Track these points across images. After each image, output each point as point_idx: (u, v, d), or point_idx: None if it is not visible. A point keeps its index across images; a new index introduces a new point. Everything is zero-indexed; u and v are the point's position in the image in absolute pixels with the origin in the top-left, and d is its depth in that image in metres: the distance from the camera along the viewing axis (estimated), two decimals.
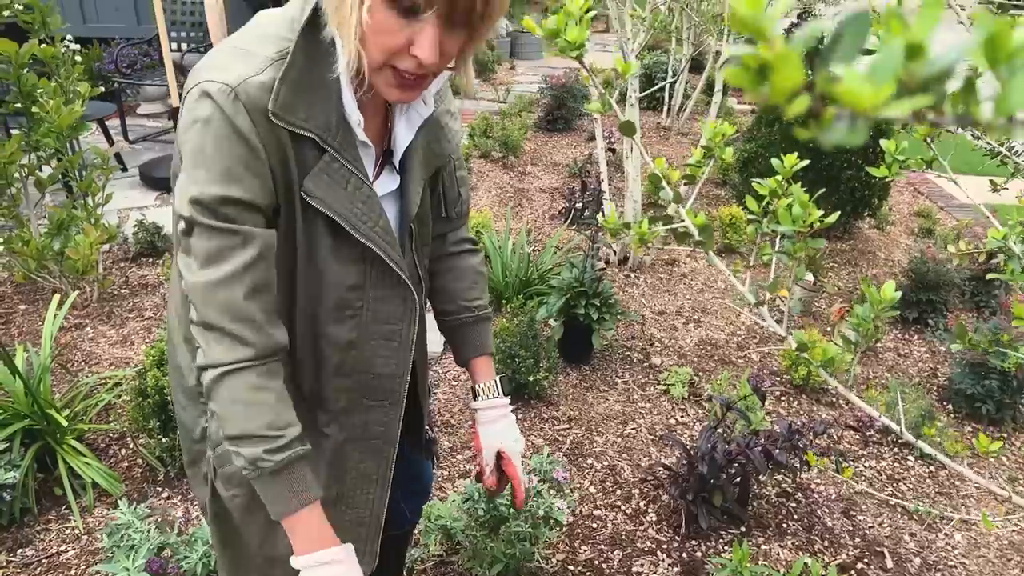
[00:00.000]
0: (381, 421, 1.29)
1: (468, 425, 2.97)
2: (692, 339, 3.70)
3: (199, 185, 0.98)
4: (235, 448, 1.06)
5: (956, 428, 3.21)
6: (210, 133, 0.97)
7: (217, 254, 1.00)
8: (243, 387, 1.04)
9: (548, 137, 6.78)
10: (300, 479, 1.08)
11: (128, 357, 3.25)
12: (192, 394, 1.24)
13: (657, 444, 2.93)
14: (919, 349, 3.83)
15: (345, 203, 1.08)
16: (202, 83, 0.98)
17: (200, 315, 1.04)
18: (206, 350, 1.05)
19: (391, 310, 1.21)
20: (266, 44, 1.00)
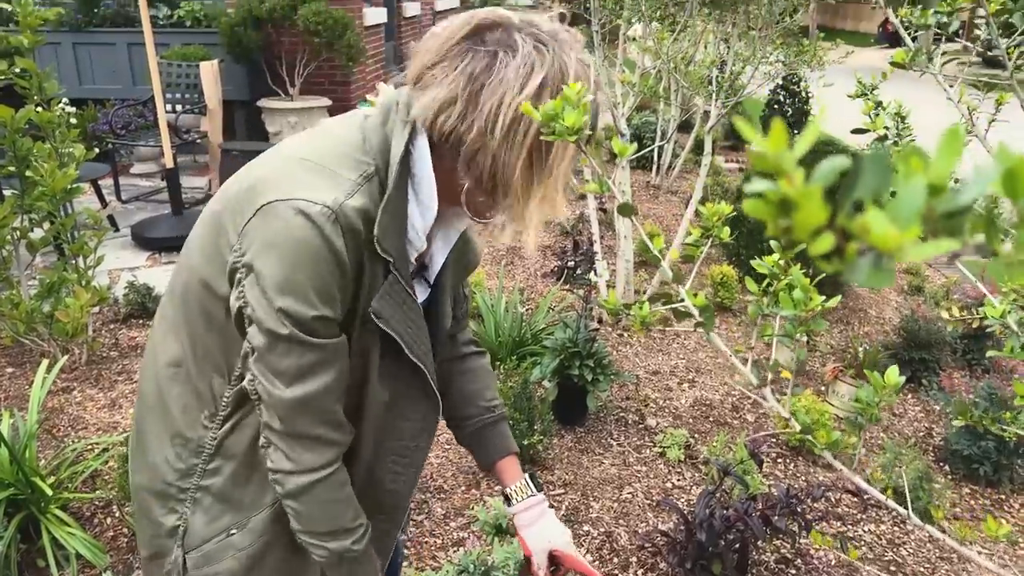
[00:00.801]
0: (381, 529, 1.27)
1: (462, 490, 2.92)
2: (687, 400, 3.68)
3: (294, 302, 0.97)
4: (320, 542, 1.09)
5: (954, 490, 3.18)
6: (308, 252, 0.96)
7: (309, 369, 1.02)
8: (334, 486, 1.08)
9: None
10: (373, 556, 1.16)
11: (116, 422, 3.20)
12: (166, 492, 1.19)
13: (654, 509, 2.88)
14: (913, 408, 3.82)
15: (403, 324, 1.09)
16: (295, 201, 0.97)
17: (287, 426, 1.04)
18: (293, 456, 1.05)
19: (410, 428, 1.21)
20: (347, 165, 1.02)
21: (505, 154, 0.98)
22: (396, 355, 1.10)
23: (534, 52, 0.98)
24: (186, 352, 1.13)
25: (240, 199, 1.02)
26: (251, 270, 0.99)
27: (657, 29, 3.61)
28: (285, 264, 0.96)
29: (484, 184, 1.01)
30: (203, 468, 1.16)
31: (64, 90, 3.65)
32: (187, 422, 1.15)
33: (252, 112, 6.81)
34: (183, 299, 1.13)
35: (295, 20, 6.27)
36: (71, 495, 2.61)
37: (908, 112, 1.78)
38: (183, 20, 6.99)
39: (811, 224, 0.28)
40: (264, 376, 1.02)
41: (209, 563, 1.18)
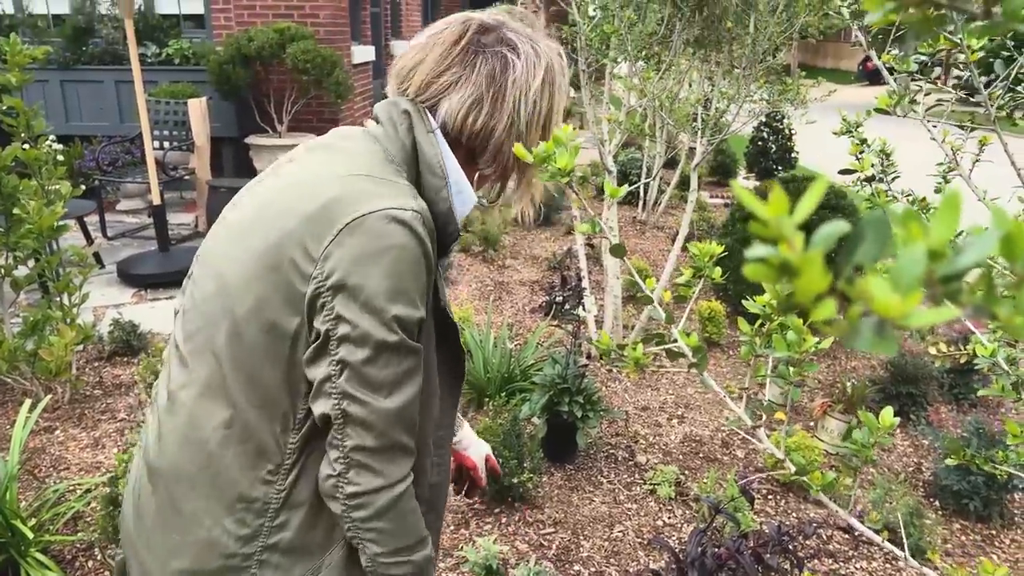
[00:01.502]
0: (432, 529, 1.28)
1: (451, 530, 2.88)
2: (677, 436, 3.67)
3: (405, 307, 1.00)
4: (406, 557, 1.08)
5: (944, 526, 3.17)
6: (409, 256, 1.00)
7: (405, 375, 1.03)
8: (412, 495, 1.08)
9: (527, 232, 6.87)
10: None
11: (99, 462, 3.15)
12: (224, 567, 1.09)
13: (645, 548, 2.85)
14: (902, 443, 3.82)
15: (452, 315, 1.17)
16: (384, 211, 1.00)
17: (384, 440, 1.03)
18: (382, 471, 1.03)
19: (446, 415, 1.24)
20: (392, 172, 1.09)
21: (526, 140, 1.11)
22: (446, 346, 1.16)
23: (530, 48, 1.13)
24: (240, 409, 1.06)
25: (308, 227, 1.01)
26: (343, 288, 0.99)
27: (643, 68, 3.66)
28: (392, 272, 0.99)
29: (507, 170, 1.17)
30: (269, 526, 1.08)
31: (51, 127, 3.65)
32: (249, 482, 1.08)
33: (240, 149, 6.83)
34: (231, 352, 1.06)
35: (283, 58, 6.32)
36: (52, 538, 2.56)
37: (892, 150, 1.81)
38: (172, 58, 7.03)
39: (813, 290, 0.28)
40: (361, 392, 1.00)
41: None
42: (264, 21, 6.79)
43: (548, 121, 1.16)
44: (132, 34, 4.53)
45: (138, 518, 1.19)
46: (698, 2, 3.67)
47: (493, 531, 2.88)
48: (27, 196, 3.32)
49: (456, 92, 1.10)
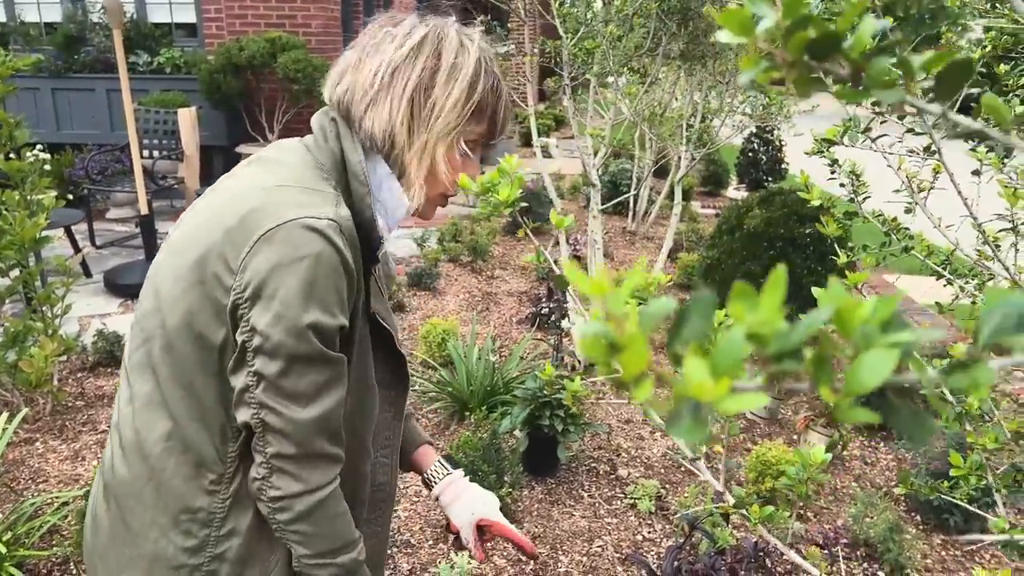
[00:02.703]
0: (376, 533, 1.29)
1: (429, 545, 2.88)
2: (659, 449, 3.67)
3: (321, 315, 1.00)
4: (331, 560, 1.09)
5: (925, 541, 3.17)
6: (323, 266, 1.00)
7: (325, 386, 1.04)
8: (338, 499, 1.09)
9: (516, 241, 6.88)
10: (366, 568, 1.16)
11: (78, 474, 3.14)
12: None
13: (623, 564, 2.85)
14: (885, 457, 3.82)
15: (388, 316, 1.18)
16: (300, 220, 1.01)
17: (303, 448, 1.04)
18: (303, 477, 1.05)
19: (388, 418, 1.26)
20: (318, 182, 1.09)
21: (388, 105, 1.10)
22: (386, 351, 1.17)
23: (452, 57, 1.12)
24: (178, 421, 1.08)
25: (228, 240, 1.02)
26: (258, 298, 1.00)
27: (628, 82, 3.68)
28: (306, 281, 0.99)
29: (377, 142, 1.13)
30: (216, 536, 1.10)
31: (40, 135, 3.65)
32: (192, 493, 1.09)
33: (230, 158, 6.84)
34: (167, 366, 1.07)
35: (274, 68, 6.34)
36: (27, 552, 2.55)
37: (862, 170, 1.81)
38: (163, 67, 7.04)
39: (634, 368, 0.28)
40: (277, 403, 1.01)
41: None
42: (256, 30, 6.81)
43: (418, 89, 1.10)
44: (120, 43, 4.53)
45: (94, 533, 1.21)
46: (683, 17, 3.69)
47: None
48: (10, 207, 3.31)
49: (370, 106, 1.11)
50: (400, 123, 1.09)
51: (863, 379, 0.28)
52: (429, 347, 4.20)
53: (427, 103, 1.09)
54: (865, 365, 0.28)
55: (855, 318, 0.29)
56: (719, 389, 0.27)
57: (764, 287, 0.30)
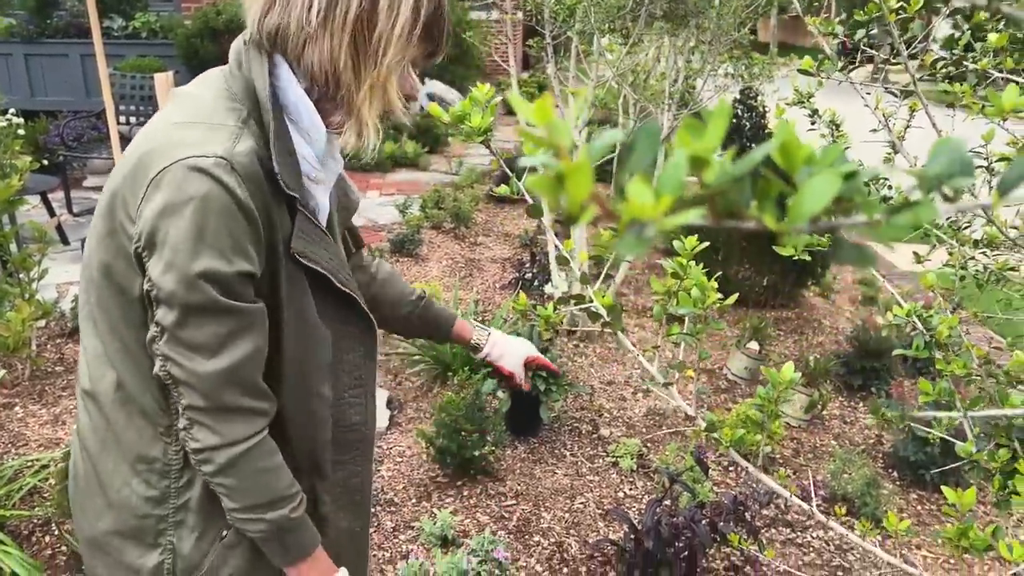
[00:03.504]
0: (356, 473, 1.28)
1: (412, 503, 2.90)
2: (641, 409, 3.69)
3: (212, 260, 0.94)
4: (257, 515, 1.06)
5: (901, 496, 3.22)
6: (213, 207, 0.93)
7: (228, 338, 0.99)
8: (264, 455, 1.05)
9: (499, 208, 6.86)
10: (310, 522, 1.13)
11: (59, 438, 3.12)
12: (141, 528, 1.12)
13: (605, 519, 2.88)
14: (864, 416, 3.87)
15: (325, 258, 1.10)
16: (186, 160, 0.94)
17: (212, 401, 1.01)
18: (220, 430, 1.02)
19: (355, 358, 1.22)
20: (223, 114, 1.00)
21: (328, 42, 0.99)
22: (326, 291, 1.11)
23: None
24: (120, 372, 1.07)
25: (127, 185, 0.98)
26: (151, 247, 0.95)
27: (609, 42, 3.65)
28: (193, 225, 0.93)
29: (319, 82, 1.02)
30: (175, 487, 1.10)
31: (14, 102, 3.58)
32: (146, 442, 1.10)
33: None
34: (103, 320, 1.07)
35: None
36: (8, 513, 2.54)
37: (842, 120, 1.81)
38: (139, 32, 6.91)
39: (579, 195, 0.28)
40: (180, 355, 0.98)
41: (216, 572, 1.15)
42: None
43: (360, 23, 0.99)
44: (94, 7, 4.43)
45: (74, 483, 1.23)
46: None
47: (454, 503, 2.89)
48: None
49: (307, 44, 1.00)
50: (344, 63, 1.00)
51: (807, 204, 0.27)
52: None
53: (372, 37, 0.99)
54: (809, 190, 0.27)
55: (800, 154, 0.29)
56: (661, 206, 0.26)
57: (708, 122, 0.29)
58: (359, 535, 1.34)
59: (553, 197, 0.29)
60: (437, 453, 3.02)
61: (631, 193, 0.27)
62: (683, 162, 0.27)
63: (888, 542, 2.93)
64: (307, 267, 1.06)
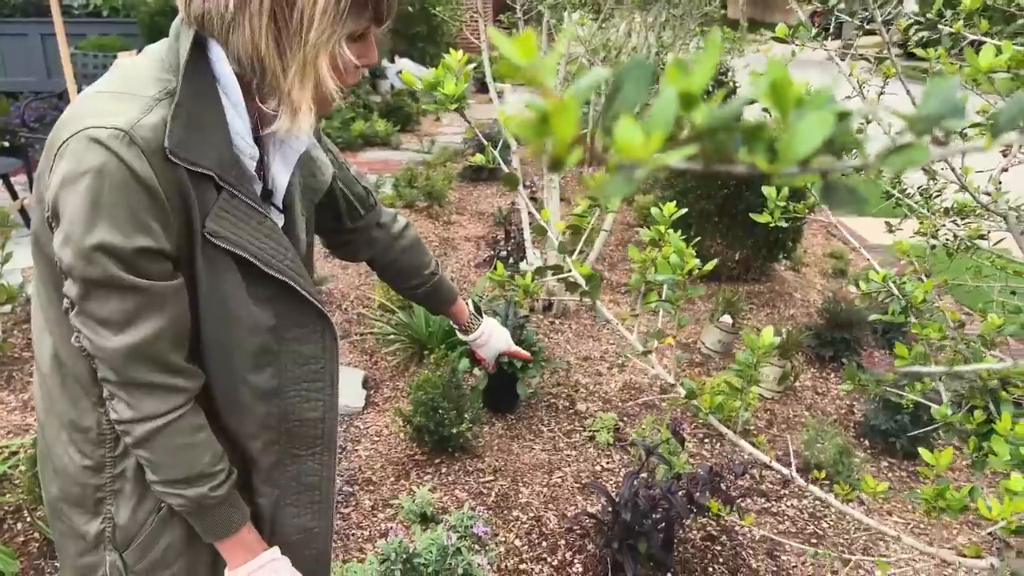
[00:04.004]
0: (314, 471, 1.25)
1: (391, 481, 2.89)
2: (616, 384, 3.71)
3: (108, 234, 0.91)
4: (176, 490, 1.05)
5: (872, 464, 3.28)
6: (106, 182, 0.90)
7: (135, 314, 0.96)
8: (184, 431, 1.04)
9: (473, 187, 6.82)
10: (237, 502, 1.12)
11: (28, 424, 3.07)
12: (82, 496, 1.13)
13: (583, 492, 2.90)
14: (836, 387, 3.92)
15: (252, 239, 1.05)
16: (86, 130, 0.91)
17: (122, 376, 0.99)
18: (134, 404, 1.01)
19: (311, 348, 1.17)
20: (145, 85, 0.97)
21: (248, 27, 0.95)
22: (258, 275, 1.06)
23: None
24: (56, 341, 1.07)
25: (46, 154, 0.97)
26: (55, 219, 0.94)
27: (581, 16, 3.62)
28: (88, 198, 0.90)
29: (246, 68, 0.98)
30: (111, 456, 1.10)
31: None
32: (79, 412, 1.10)
33: None
34: (43, 290, 1.07)
35: None
36: None
37: None
38: (100, 10, 6.74)
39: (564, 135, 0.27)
40: (87, 327, 0.97)
41: (150, 549, 1.14)
42: None
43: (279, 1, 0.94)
44: None
45: (37, 447, 1.25)
46: None
47: (433, 480, 2.90)
48: None
49: (231, 30, 0.96)
50: (266, 47, 0.95)
51: (799, 145, 0.27)
52: (386, 290, 4.17)
53: (293, 16, 0.94)
54: (801, 130, 0.27)
55: (791, 95, 0.28)
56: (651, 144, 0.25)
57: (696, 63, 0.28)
58: (318, 536, 1.29)
59: (538, 139, 0.28)
60: (414, 431, 3.01)
61: (619, 131, 0.26)
62: (673, 99, 0.26)
63: (861, 509, 2.99)
64: (228, 250, 1.02)
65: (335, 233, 1.46)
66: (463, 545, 2.04)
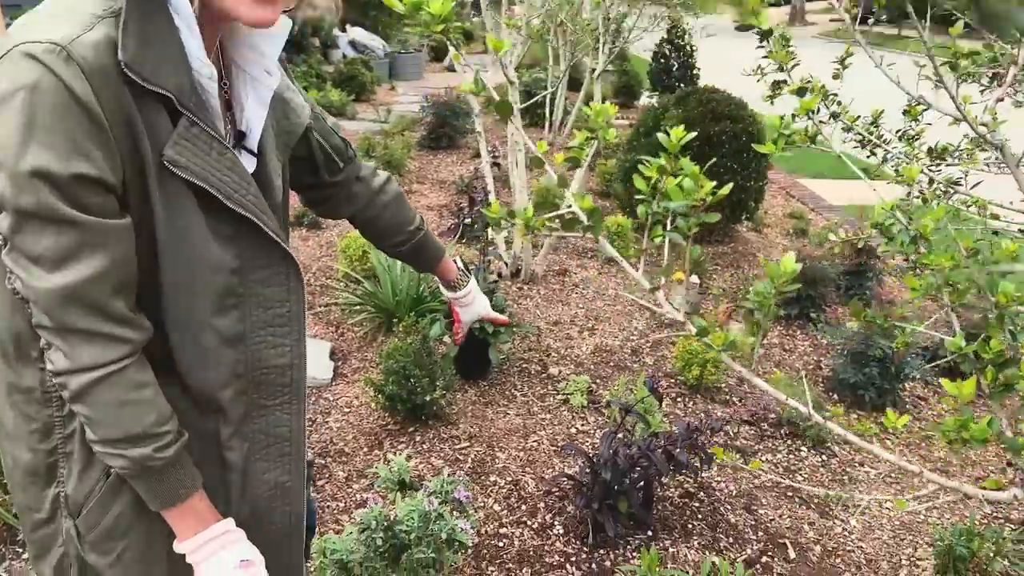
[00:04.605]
0: (283, 421, 1.17)
1: (364, 452, 2.84)
2: (588, 347, 3.69)
3: (43, 157, 0.83)
4: (117, 451, 0.97)
5: (843, 416, 3.32)
6: (41, 100, 0.82)
7: (70, 252, 0.88)
8: (126, 387, 0.95)
9: (433, 155, 6.72)
10: (187, 466, 1.03)
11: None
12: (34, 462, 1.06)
13: (560, 455, 2.88)
14: (803, 344, 3.96)
15: (213, 171, 0.97)
16: (20, 46, 0.83)
17: (55, 320, 0.90)
18: (69, 354, 0.92)
19: (276, 291, 1.10)
20: (84, 3, 0.88)
21: None
22: (220, 210, 0.99)
23: None
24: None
25: None
26: None
27: None
28: (21, 117, 0.83)
29: None
30: (58, 416, 1.03)
31: None
32: (21, 372, 1.02)
33: None
34: None
35: None
36: None
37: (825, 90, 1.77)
38: None
39: None
40: (20, 267, 0.89)
41: (101, 517, 1.06)
42: None
43: None
44: None
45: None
46: None
47: (407, 449, 2.85)
48: None
49: None
50: None
51: None
52: (350, 261, 4.08)
53: None
54: None
55: None
56: None
57: None
58: (291, 490, 1.22)
59: None
60: (387, 400, 2.96)
61: None
62: None
63: (834, 461, 3.03)
64: (188, 182, 0.95)
65: (314, 188, 1.40)
66: (445, 511, 2.00)
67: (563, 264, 4.63)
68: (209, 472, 1.09)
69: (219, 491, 1.12)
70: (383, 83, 10.18)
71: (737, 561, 2.42)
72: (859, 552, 2.55)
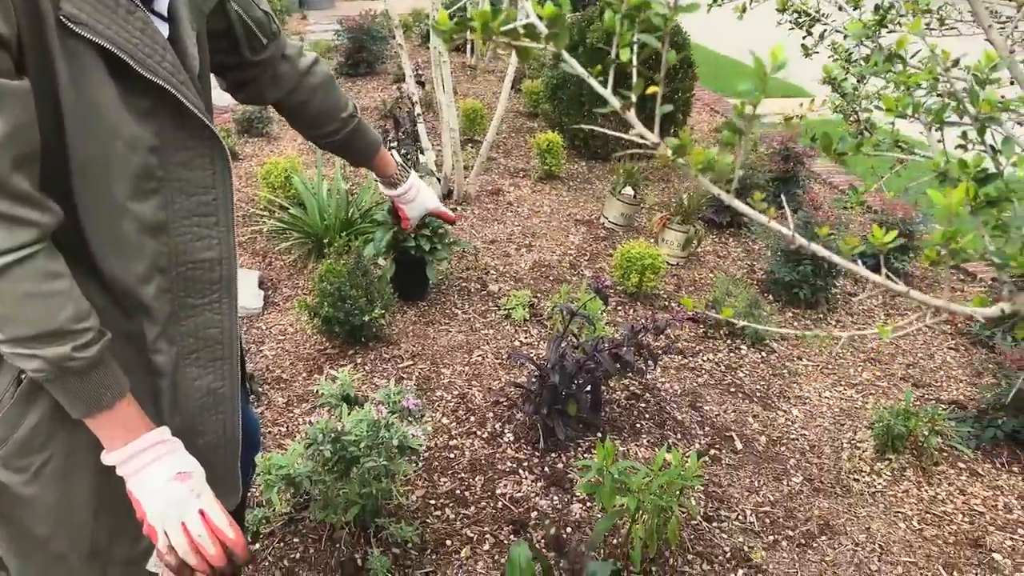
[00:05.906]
0: (214, 322, 1.06)
1: (303, 377, 2.74)
2: (526, 263, 3.64)
3: None
4: (29, 350, 0.85)
5: (779, 315, 3.37)
6: None
7: None
8: (35, 276, 0.84)
9: (352, 82, 6.46)
10: (112, 368, 0.93)
11: None
12: None
13: (505, 366, 2.84)
14: (736, 250, 4.00)
15: (121, 31, 0.85)
16: None
17: None
18: None
19: (200, 176, 0.99)
20: None
21: None
22: (134, 79, 0.88)
23: None
24: None
25: None
26: None
27: None
28: None
29: None
30: None
31: None
32: None
33: None
34: None
35: None
36: None
37: None
38: None
39: None
40: None
41: (15, 429, 0.95)
42: None
43: None
44: None
45: None
46: None
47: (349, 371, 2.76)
48: None
49: None
50: None
51: None
52: (272, 187, 3.90)
53: None
54: None
55: None
56: None
57: None
58: (225, 398, 1.12)
59: None
60: (323, 323, 2.85)
61: None
62: None
63: (772, 357, 3.07)
64: (94, 43, 0.83)
65: (236, 69, 1.27)
66: (394, 419, 1.93)
67: (496, 184, 4.54)
68: (136, 378, 0.98)
69: (148, 400, 1.02)
70: (293, 12, 9.72)
71: (688, 454, 2.45)
72: (803, 439, 2.61)
